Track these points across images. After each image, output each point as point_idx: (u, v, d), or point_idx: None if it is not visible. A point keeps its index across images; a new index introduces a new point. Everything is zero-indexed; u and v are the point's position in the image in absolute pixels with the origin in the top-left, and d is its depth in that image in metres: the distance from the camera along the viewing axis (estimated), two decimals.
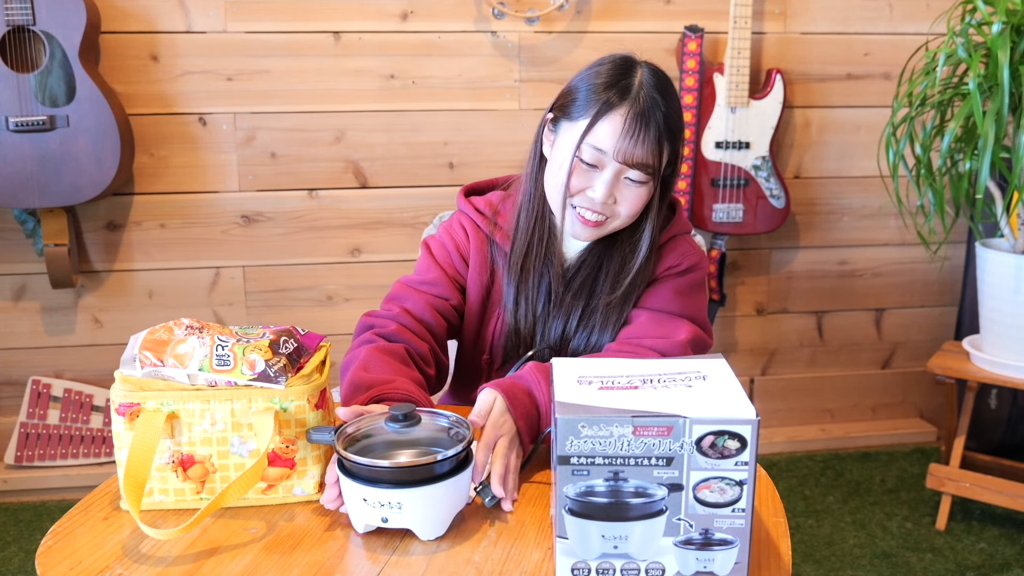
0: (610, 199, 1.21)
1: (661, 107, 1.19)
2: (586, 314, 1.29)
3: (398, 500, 0.90)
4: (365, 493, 0.91)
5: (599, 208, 1.22)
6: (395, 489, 0.90)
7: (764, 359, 2.80)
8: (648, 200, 1.23)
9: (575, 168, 1.21)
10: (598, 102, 1.19)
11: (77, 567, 0.89)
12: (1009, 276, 2.11)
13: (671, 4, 2.50)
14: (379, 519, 0.92)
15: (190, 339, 0.98)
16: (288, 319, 2.52)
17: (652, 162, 1.20)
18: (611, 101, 1.18)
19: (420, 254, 1.39)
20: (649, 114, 1.18)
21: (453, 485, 0.93)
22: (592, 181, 1.21)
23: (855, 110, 2.65)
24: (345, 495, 0.95)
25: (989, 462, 2.45)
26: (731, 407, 0.80)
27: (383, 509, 0.91)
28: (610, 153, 1.18)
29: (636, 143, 1.18)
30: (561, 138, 1.23)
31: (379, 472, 0.91)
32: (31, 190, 2.18)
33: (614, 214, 1.23)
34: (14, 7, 2.10)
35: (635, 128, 1.17)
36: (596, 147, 1.19)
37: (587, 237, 1.27)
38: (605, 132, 1.18)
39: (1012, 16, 1.97)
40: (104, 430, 2.46)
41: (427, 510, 0.92)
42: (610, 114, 1.18)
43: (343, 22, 2.40)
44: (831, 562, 2.16)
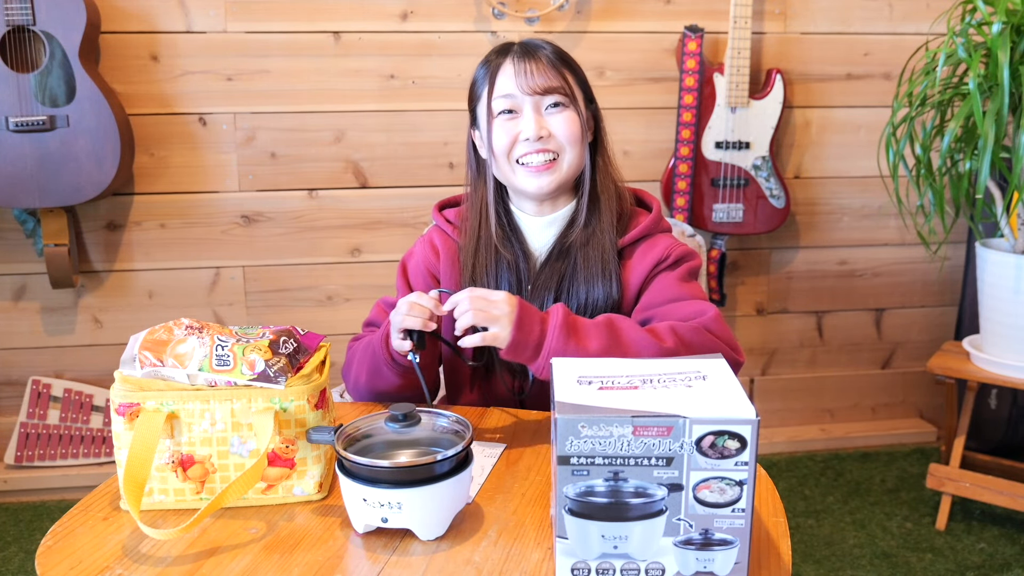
0: (543, 131, 1.28)
1: (543, 46, 1.30)
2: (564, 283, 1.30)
3: (398, 500, 0.90)
4: (365, 493, 0.91)
5: (538, 146, 1.28)
6: (395, 489, 0.90)
7: (764, 359, 2.80)
8: (580, 125, 1.29)
9: (494, 124, 1.29)
10: (488, 67, 1.31)
11: (77, 567, 0.89)
12: (1009, 276, 2.11)
13: (671, 4, 2.50)
14: (379, 519, 0.92)
15: (190, 339, 0.98)
16: (288, 319, 2.52)
17: (559, 84, 1.28)
18: (498, 61, 1.30)
19: (397, 275, 1.42)
20: (532, 50, 1.29)
21: (453, 485, 0.93)
22: (519, 125, 1.28)
23: (855, 110, 2.66)
24: (345, 495, 0.95)
25: (989, 462, 2.45)
26: (731, 407, 0.80)
27: (383, 509, 0.91)
28: (517, 92, 1.28)
29: (533, 73, 1.27)
30: (480, 120, 1.34)
31: (378, 472, 0.91)
32: (31, 190, 2.19)
33: (557, 147, 1.29)
34: (14, 7, 2.10)
35: (524, 63, 1.28)
36: (504, 94, 1.28)
37: (547, 185, 1.29)
38: (504, 79, 1.29)
39: (1012, 16, 1.97)
40: (104, 430, 2.46)
41: (427, 510, 0.92)
42: (502, 67, 1.29)
43: (343, 22, 2.40)
44: (831, 562, 2.16)
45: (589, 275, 1.29)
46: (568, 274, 1.30)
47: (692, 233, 1.64)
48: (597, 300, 1.28)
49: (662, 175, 2.55)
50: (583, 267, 1.29)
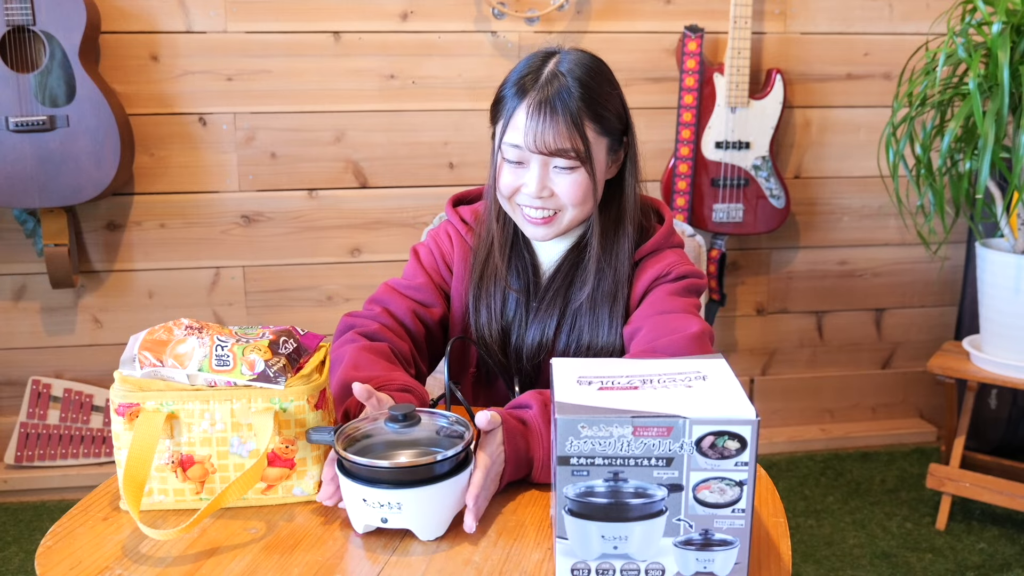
0: (545, 192, 1.20)
1: (571, 90, 1.17)
2: (567, 317, 1.27)
3: (397, 500, 0.90)
4: (364, 493, 0.91)
5: (537, 203, 1.21)
6: (395, 489, 0.90)
7: (764, 359, 2.80)
8: (589, 185, 1.21)
9: (503, 168, 1.22)
10: (508, 99, 1.20)
11: (77, 567, 0.89)
12: (1009, 276, 2.11)
13: (671, 4, 2.50)
14: (379, 519, 0.92)
15: (190, 339, 0.98)
16: (288, 319, 2.52)
17: (571, 146, 1.17)
18: (517, 95, 1.19)
19: (409, 260, 1.39)
20: (554, 99, 1.16)
21: (453, 485, 0.93)
22: (523, 178, 1.21)
23: (855, 110, 2.66)
24: (345, 495, 0.94)
25: (989, 462, 2.45)
26: (731, 407, 0.80)
27: (383, 509, 0.91)
28: (524, 146, 1.18)
29: (544, 131, 1.16)
30: (495, 142, 1.25)
31: (378, 472, 0.91)
32: (31, 190, 2.18)
33: (558, 206, 1.22)
34: (14, 7, 2.10)
35: (539, 116, 1.16)
36: (512, 144, 1.19)
37: (544, 236, 1.25)
38: (516, 127, 1.18)
39: (1012, 16, 1.97)
40: (104, 430, 2.46)
41: (427, 510, 0.92)
42: (517, 109, 1.18)
43: (343, 22, 2.40)
44: (831, 562, 2.16)
45: (595, 321, 1.25)
46: (573, 310, 1.26)
47: (692, 233, 1.64)
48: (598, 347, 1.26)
49: (662, 175, 2.55)
50: (589, 310, 1.25)
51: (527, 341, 1.28)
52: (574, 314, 1.26)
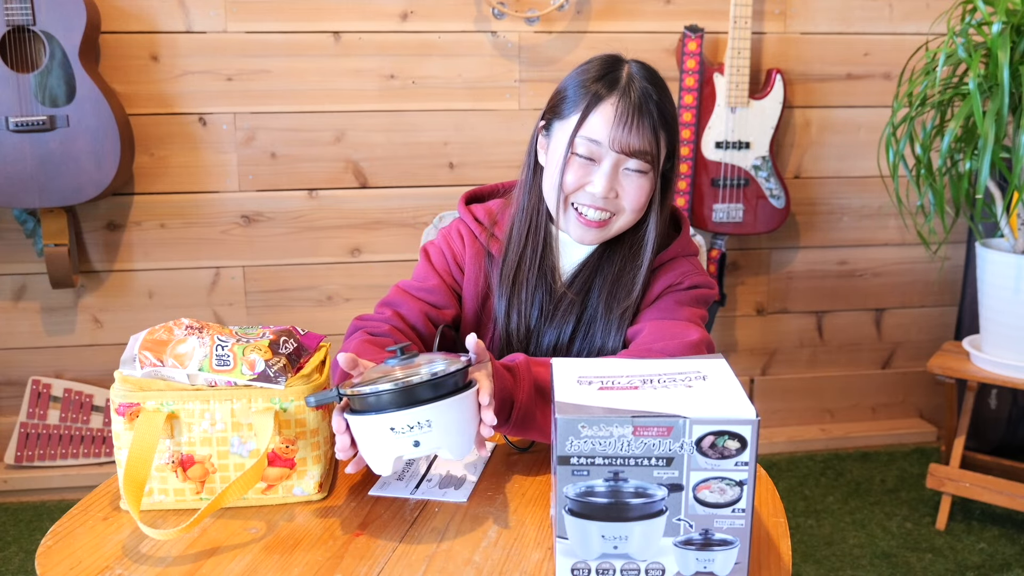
0: (611, 193, 1.19)
1: (653, 96, 1.19)
2: (583, 322, 1.27)
3: (427, 418, 0.89)
4: (392, 421, 0.89)
5: (601, 204, 1.20)
6: (424, 406, 0.89)
7: (764, 359, 2.80)
8: (651, 193, 1.21)
9: (570, 163, 1.19)
10: (588, 94, 1.19)
11: (77, 567, 0.89)
12: (1009, 276, 2.11)
13: (671, 4, 2.50)
14: (410, 445, 0.90)
15: (190, 339, 0.98)
16: (288, 319, 2.52)
17: (650, 149, 1.18)
18: (600, 93, 1.18)
19: (419, 260, 1.37)
20: (641, 101, 1.18)
21: (472, 397, 0.94)
22: (591, 175, 1.19)
23: (855, 110, 2.66)
24: (365, 437, 0.92)
25: (989, 462, 2.45)
26: (731, 407, 0.80)
27: (413, 432, 0.89)
28: (605, 143, 1.17)
29: (631, 130, 1.17)
30: (555, 139, 1.23)
31: (406, 393, 0.89)
32: (31, 190, 2.18)
33: (618, 209, 1.21)
34: (14, 7, 2.10)
35: (628, 115, 1.17)
36: (590, 138, 1.18)
37: (591, 240, 1.24)
38: (598, 122, 1.18)
39: (1012, 16, 1.97)
40: (104, 430, 2.46)
41: (455, 423, 0.91)
42: (601, 104, 1.18)
43: (343, 22, 2.40)
44: (831, 562, 2.16)
45: (608, 326, 1.25)
46: (589, 314, 1.26)
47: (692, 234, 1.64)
48: (606, 348, 1.25)
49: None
50: (604, 314, 1.25)
51: (543, 344, 1.28)
52: (589, 319, 1.26)
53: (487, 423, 0.95)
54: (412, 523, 0.97)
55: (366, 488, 1.05)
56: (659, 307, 1.25)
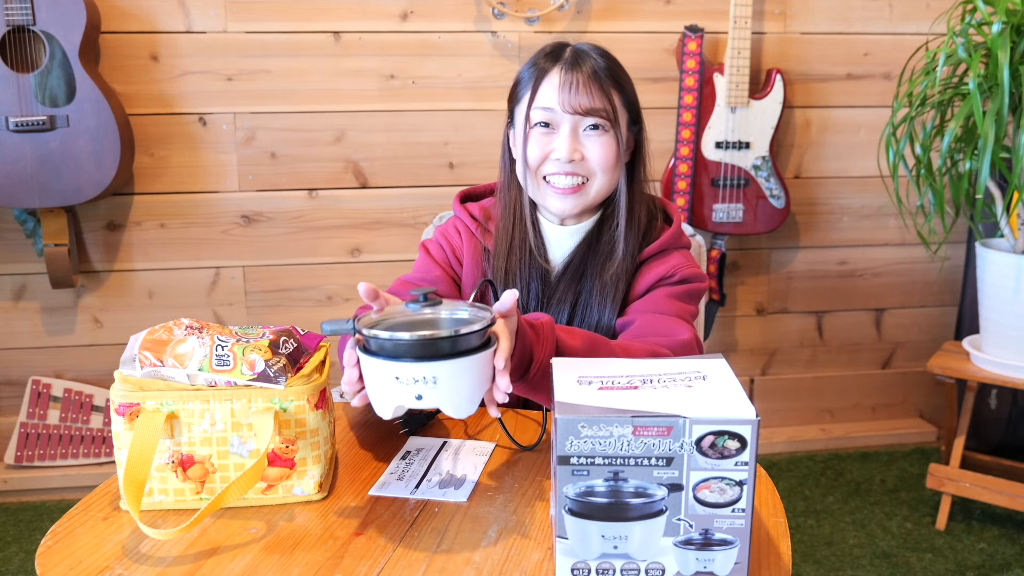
0: (576, 154, 1.23)
1: (598, 60, 1.24)
2: (579, 306, 1.29)
3: (434, 374, 0.87)
4: (398, 371, 0.87)
5: (569, 168, 1.24)
6: (432, 362, 0.87)
7: (764, 359, 2.80)
8: (617, 151, 1.25)
9: (531, 137, 1.24)
10: (536, 71, 1.25)
11: (77, 567, 0.89)
12: (1009, 276, 2.11)
13: (671, 4, 2.50)
14: (412, 397, 0.88)
15: (190, 339, 0.98)
16: (288, 319, 2.52)
17: (603, 106, 1.22)
18: (546, 67, 1.25)
19: (419, 256, 1.39)
20: (582, 63, 1.23)
21: (485, 359, 0.91)
22: (553, 143, 1.24)
23: (855, 110, 2.66)
24: (371, 379, 0.91)
25: (989, 462, 2.45)
26: (731, 407, 0.80)
27: (417, 386, 0.87)
28: (558, 108, 1.23)
29: (579, 90, 1.22)
30: (516, 123, 1.28)
31: (416, 345, 0.87)
32: (31, 190, 2.18)
33: (588, 172, 1.25)
34: (14, 7, 2.10)
35: (572, 78, 1.22)
36: (544, 107, 1.23)
37: (571, 208, 1.26)
38: (548, 90, 1.23)
39: (1012, 16, 1.97)
40: (104, 430, 2.46)
41: (462, 384, 0.89)
42: (548, 75, 1.24)
43: (343, 22, 2.40)
44: (831, 562, 2.16)
45: (603, 300, 1.27)
46: (584, 296, 1.28)
47: (692, 233, 1.64)
48: (603, 322, 1.27)
49: (662, 175, 2.55)
50: (599, 291, 1.27)
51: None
52: (584, 303, 1.28)
53: (501, 388, 0.93)
54: (412, 523, 0.97)
55: (366, 488, 1.05)
56: (650, 299, 1.26)
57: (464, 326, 0.89)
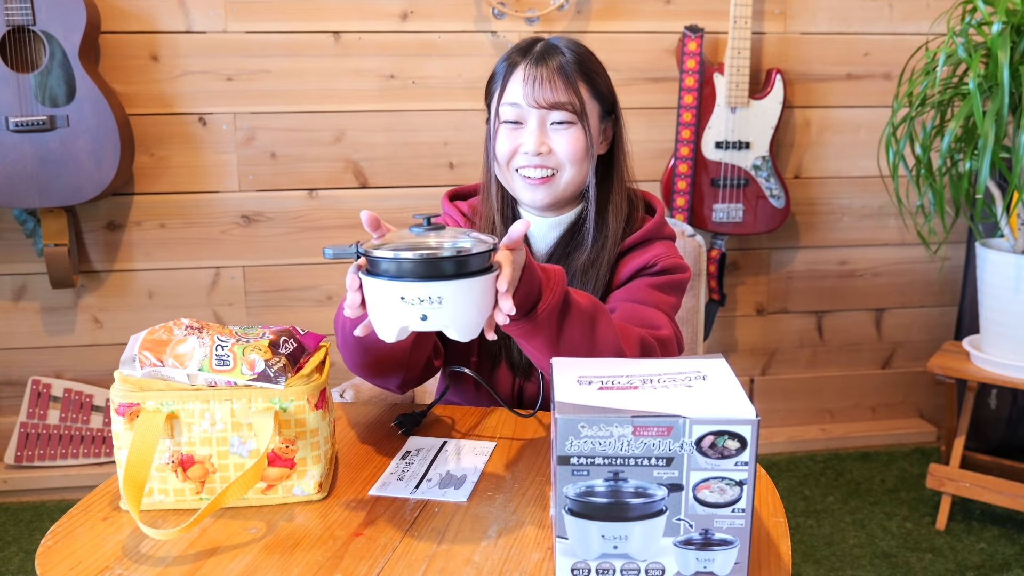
0: (543, 147, 1.25)
1: (562, 52, 1.25)
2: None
3: (439, 294, 0.87)
4: (404, 290, 0.87)
5: (536, 161, 1.25)
6: (438, 282, 0.87)
7: (764, 359, 2.80)
8: (585, 143, 1.26)
9: (499, 132, 1.27)
10: (506, 66, 1.27)
11: (77, 567, 0.89)
12: (1009, 276, 2.11)
13: (671, 4, 2.50)
14: (417, 318, 0.88)
15: (190, 339, 0.98)
16: (288, 319, 2.52)
17: (568, 99, 1.24)
18: (515, 61, 1.26)
19: None
20: (548, 57, 1.24)
21: (490, 281, 0.91)
22: (521, 137, 1.26)
23: (855, 110, 2.66)
24: (375, 301, 0.91)
25: (989, 462, 2.45)
26: (731, 407, 0.80)
27: (423, 306, 0.87)
28: (523, 103, 1.24)
29: (543, 85, 1.23)
30: (492, 111, 1.30)
31: (424, 265, 0.87)
32: (31, 190, 2.19)
33: (557, 165, 1.26)
34: (14, 7, 2.10)
35: (537, 72, 1.24)
36: (511, 103, 1.25)
37: (542, 200, 1.27)
38: (515, 86, 1.25)
39: (1012, 16, 1.97)
40: (104, 430, 2.46)
41: (467, 304, 0.89)
42: (515, 71, 1.26)
43: (343, 22, 2.40)
44: (831, 562, 2.16)
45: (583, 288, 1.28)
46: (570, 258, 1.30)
47: (692, 233, 1.64)
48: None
49: (662, 175, 2.55)
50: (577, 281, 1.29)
51: None
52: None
53: (504, 310, 0.93)
54: (412, 523, 0.97)
55: (366, 488, 1.05)
56: (630, 289, 1.28)
57: (479, 244, 0.90)
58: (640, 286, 1.27)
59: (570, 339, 1.07)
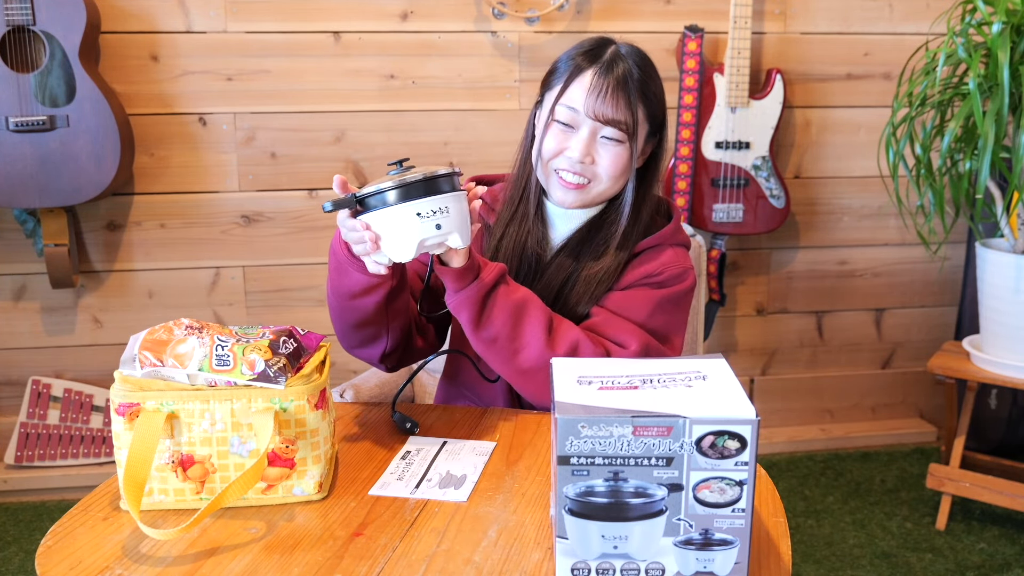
0: (587, 158, 1.26)
1: (633, 71, 1.26)
2: (563, 291, 1.30)
3: (446, 204, 1.07)
4: (419, 207, 1.06)
5: (577, 168, 1.26)
6: (444, 195, 1.07)
7: (764, 359, 2.80)
8: (628, 162, 1.27)
9: (550, 129, 1.27)
10: (572, 66, 1.27)
11: (77, 567, 0.89)
12: (1009, 276, 2.11)
13: (671, 4, 2.50)
14: (433, 228, 1.06)
15: (190, 339, 0.98)
16: (288, 319, 2.52)
17: (624, 119, 1.24)
18: (583, 65, 1.26)
19: None
20: (619, 73, 1.25)
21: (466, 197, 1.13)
22: (569, 141, 1.26)
23: (855, 110, 2.66)
24: (392, 227, 1.06)
25: (989, 462, 2.45)
26: (731, 407, 0.80)
27: (436, 216, 1.06)
28: (582, 111, 1.25)
29: (605, 99, 1.24)
30: (544, 109, 1.30)
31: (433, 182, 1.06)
32: (31, 190, 2.18)
33: (595, 176, 1.27)
34: (14, 7, 2.10)
35: (604, 85, 1.24)
36: (569, 106, 1.26)
37: (571, 202, 1.29)
38: (577, 91, 1.25)
39: (1012, 16, 1.97)
40: (104, 430, 2.46)
41: (463, 214, 1.10)
42: (582, 75, 1.25)
43: (343, 22, 2.40)
44: (831, 562, 2.16)
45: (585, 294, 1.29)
46: (571, 283, 1.30)
47: (692, 233, 1.64)
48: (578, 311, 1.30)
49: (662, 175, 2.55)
50: (584, 284, 1.29)
51: None
52: (571, 287, 1.30)
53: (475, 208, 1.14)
54: (412, 523, 0.97)
55: (366, 488, 1.05)
56: (628, 296, 1.28)
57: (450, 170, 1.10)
58: (637, 298, 1.27)
59: (492, 322, 1.18)
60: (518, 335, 1.19)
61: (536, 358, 1.19)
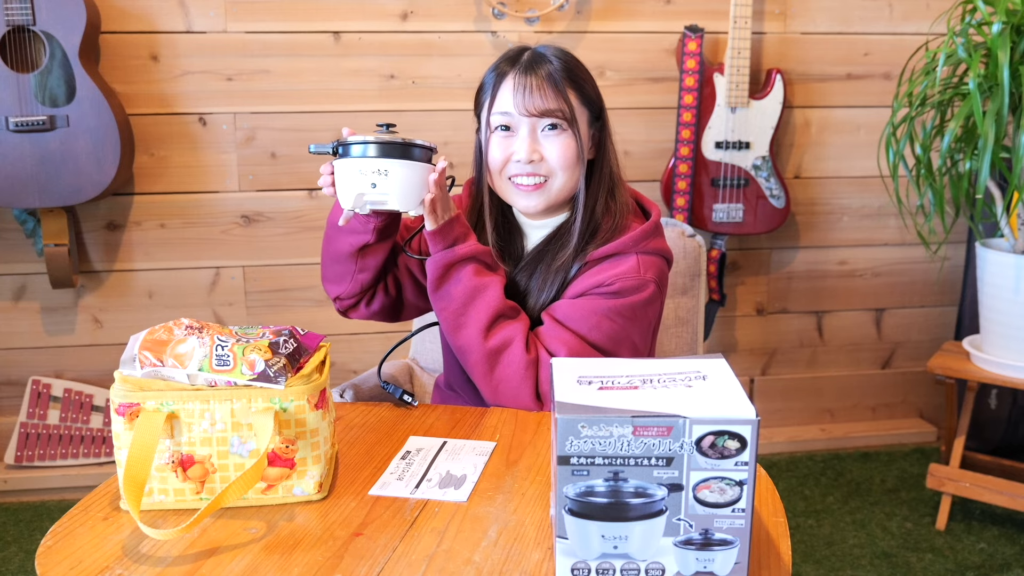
0: (535, 155, 1.28)
1: (549, 60, 1.29)
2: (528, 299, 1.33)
3: (385, 168, 1.16)
4: (360, 165, 1.16)
5: (528, 169, 1.28)
6: (385, 159, 1.16)
7: (764, 359, 2.80)
8: (576, 150, 1.29)
9: (492, 140, 1.30)
10: (495, 76, 1.31)
11: (77, 567, 0.89)
12: (1009, 276, 2.11)
13: (671, 4, 2.50)
14: (369, 185, 1.16)
15: (190, 339, 0.98)
16: (288, 319, 2.52)
17: (558, 106, 1.27)
18: (504, 70, 1.30)
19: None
20: (536, 66, 1.28)
21: (424, 170, 1.19)
22: (513, 145, 1.29)
23: (855, 110, 2.66)
24: (340, 176, 1.18)
25: (989, 462, 2.45)
26: (731, 407, 0.80)
27: (373, 175, 1.16)
28: (515, 111, 1.28)
29: (533, 93, 1.27)
30: (483, 127, 1.33)
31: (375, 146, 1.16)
32: (31, 190, 2.18)
33: (549, 171, 1.29)
34: (14, 7, 2.10)
35: (528, 81, 1.27)
36: (502, 111, 1.29)
37: (535, 205, 1.30)
38: (505, 95, 1.29)
39: (1012, 16, 1.97)
40: (104, 430, 2.46)
41: (405, 181, 1.17)
42: (505, 80, 1.29)
43: (343, 22, 2.40)
44: (831, 562, 2.16)
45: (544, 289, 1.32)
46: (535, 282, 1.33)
47: (692, 233, 1.65)
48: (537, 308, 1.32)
49: (662, 175, 2.55)
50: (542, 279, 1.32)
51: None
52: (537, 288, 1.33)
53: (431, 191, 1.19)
54: (412, 523, 0.97)
55: (366, 488, 1.05)
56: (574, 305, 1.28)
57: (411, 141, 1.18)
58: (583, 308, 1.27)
59: (448, 292, 1.25)
60: (464, 312, 1.25)
61: (468, 340, 1.25)
